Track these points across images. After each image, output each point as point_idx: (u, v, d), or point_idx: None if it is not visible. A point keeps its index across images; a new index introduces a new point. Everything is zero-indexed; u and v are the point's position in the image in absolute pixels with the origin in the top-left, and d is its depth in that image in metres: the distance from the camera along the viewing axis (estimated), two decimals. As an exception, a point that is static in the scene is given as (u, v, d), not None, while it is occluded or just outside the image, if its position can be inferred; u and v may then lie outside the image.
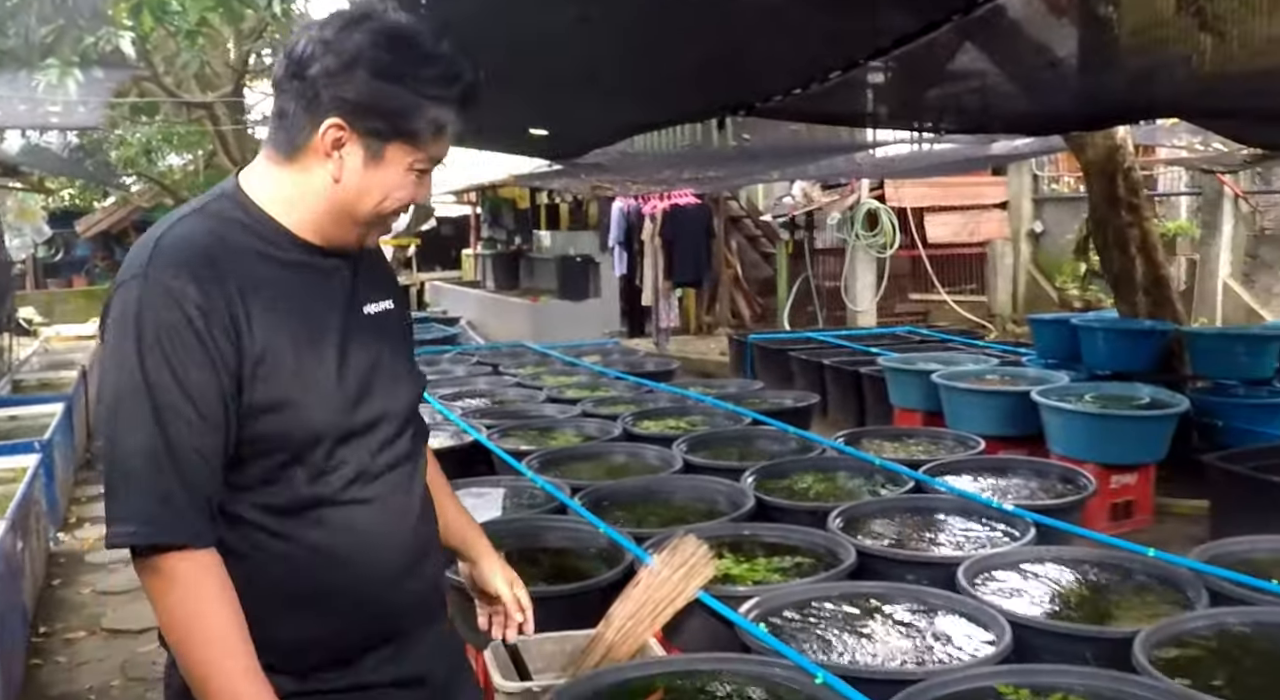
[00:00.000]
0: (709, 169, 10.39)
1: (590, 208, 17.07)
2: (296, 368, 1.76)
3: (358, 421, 1.84)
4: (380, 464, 1.88)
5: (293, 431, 1.75)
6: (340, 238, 1.85)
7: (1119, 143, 7.88)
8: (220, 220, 1.79)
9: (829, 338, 10.98)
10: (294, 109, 1.76)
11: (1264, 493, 5.52)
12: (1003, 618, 3.43)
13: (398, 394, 1.95)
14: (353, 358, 1.84)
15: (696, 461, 5.60)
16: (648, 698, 3.12)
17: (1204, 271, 12.43)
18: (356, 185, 1.78)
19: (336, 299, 1.87)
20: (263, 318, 1.73)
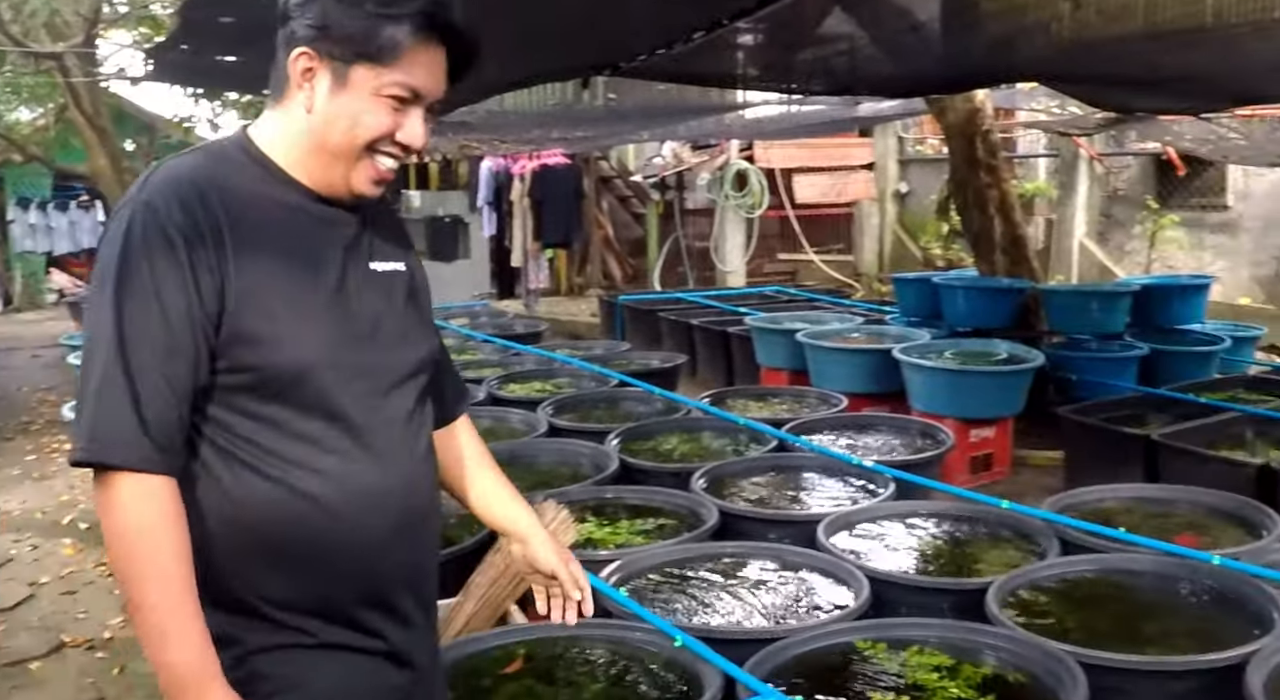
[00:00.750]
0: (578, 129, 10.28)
1: (459, 167, 16.82)
2: (289, 300, 1.72)
3: (351, 362, 1.77)
4: (376, 418, 1.80)
5: (280, 364, 1.70)
6: (328, 180, 1.80)
7: (978, 106, 8.01)
8: (219, 159, 1.79)
9: (698, 298, 11.02)
10: (279, 52, 1.78)
11: (1115, 443, 5.69)
12: (861, 573, 3.48)
13: (401, 350, 1.87)
14: (354, 302, 1.80)
15: (561, 425, 5.58)
16: (509, 666, 3.11)
17: (1060, 231, 12.73)
18: (325, 112, 1.75)
19: (335, 245, 1.82)
20: (253, 249, 1.70)
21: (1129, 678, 2.90)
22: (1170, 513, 4.35)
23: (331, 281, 1.78)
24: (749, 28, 4.75)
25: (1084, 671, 2.75)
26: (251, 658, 1.71)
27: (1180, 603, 3.44)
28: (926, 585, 3.57)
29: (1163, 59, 4.63)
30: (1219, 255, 11.49)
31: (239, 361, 1.68)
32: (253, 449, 1.70)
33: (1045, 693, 2.81)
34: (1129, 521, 4.09)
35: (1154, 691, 2.91)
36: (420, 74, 1.76)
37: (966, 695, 2.84)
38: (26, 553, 6.02)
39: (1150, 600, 3.46)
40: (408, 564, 1.86)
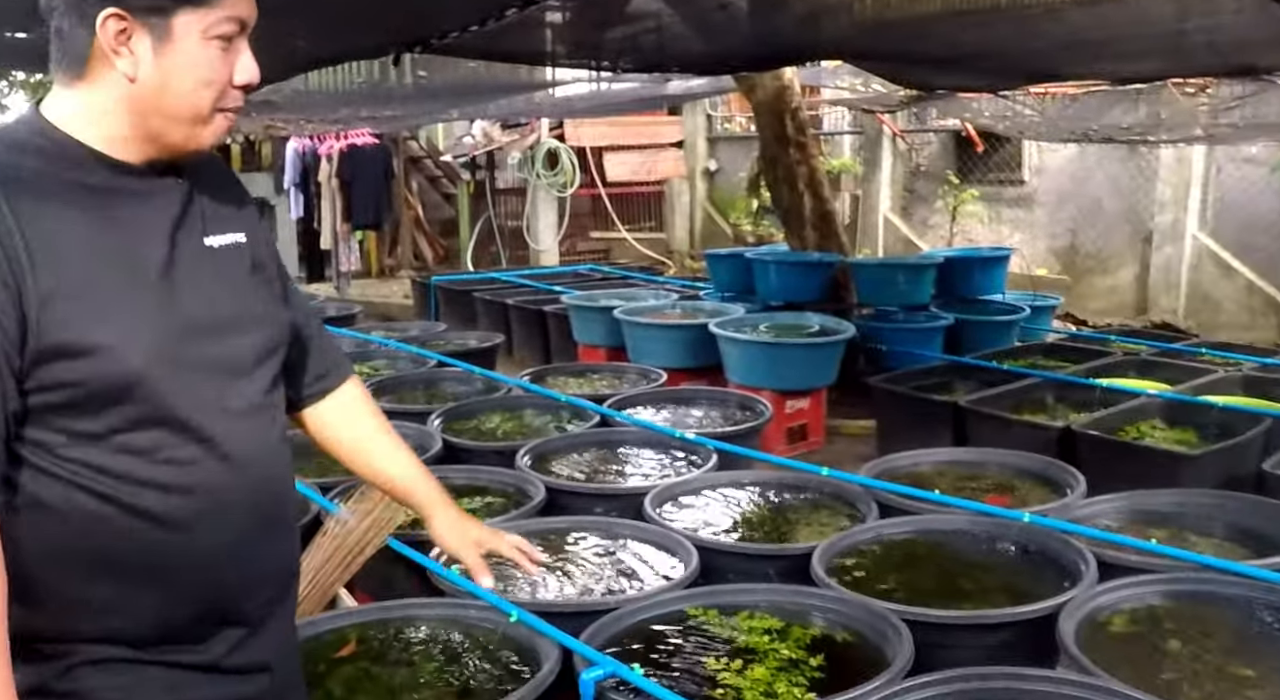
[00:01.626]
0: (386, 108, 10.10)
1: (264, 148, 16.36)
2: (103, 301, 1.53)
3: (186, 359, 1.60)
4: (219, 417, 1.63)
5: (104, 376, 1.52)
6: (161, 146, 1.62)
7: (787, 83, 8.15)
8: (9, 145, 1.57)
9: (513, 277, 10.97)
10: (67, 24, 1.56)
11: (924, 410, 5.88)
12: (689, 543, 3.52)
13: (247, 335, 1.70)
14: (185, 289, 1.61)
15: (382, 407, 5.47)
16: (342, 649, 3.05)
17: (866, 206, 13.10)
18: (156, 77, 1.56)
19: (159, 224, 1.62)
20: (54, 251, 1.50)
21: (950, 632, 3.02)
22: (980, 475, 4.53)
23: (154, 270, 1.59)
24: (558, 5, 4.74)
25: (908, 628, 2.84)
26: (78, 670, 1.60)
27: (994, 559, 3.58)
28: (753, 552, 3.64)
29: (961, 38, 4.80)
30: (1016, 228, 11.97)
31: (53, 379, 1.51)
32: (78, 468, 1.55)
33: (872, 650, 2.89)
34: (942, 484, 4.23)
35: (974, 644, 3.02)
36: (241, 3, 1.61)
37: (797, 655, 2.90)
38: None
39: (966, 558, 3.59)
40: (256, 567, 1.74)
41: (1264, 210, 10.15)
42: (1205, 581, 3.20)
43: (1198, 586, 3.19)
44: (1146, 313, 10.47)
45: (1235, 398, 5.70)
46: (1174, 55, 5.06)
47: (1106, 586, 3.13)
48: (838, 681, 2.71)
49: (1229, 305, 10.04)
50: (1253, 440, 4.94)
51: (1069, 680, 2.58)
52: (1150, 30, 4.44)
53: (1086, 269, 11.27)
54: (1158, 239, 10.48)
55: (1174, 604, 3.15)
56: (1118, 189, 11.03)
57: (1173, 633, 3.02)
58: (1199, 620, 3.09)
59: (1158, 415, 5.47)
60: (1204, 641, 3.00)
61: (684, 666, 2.89)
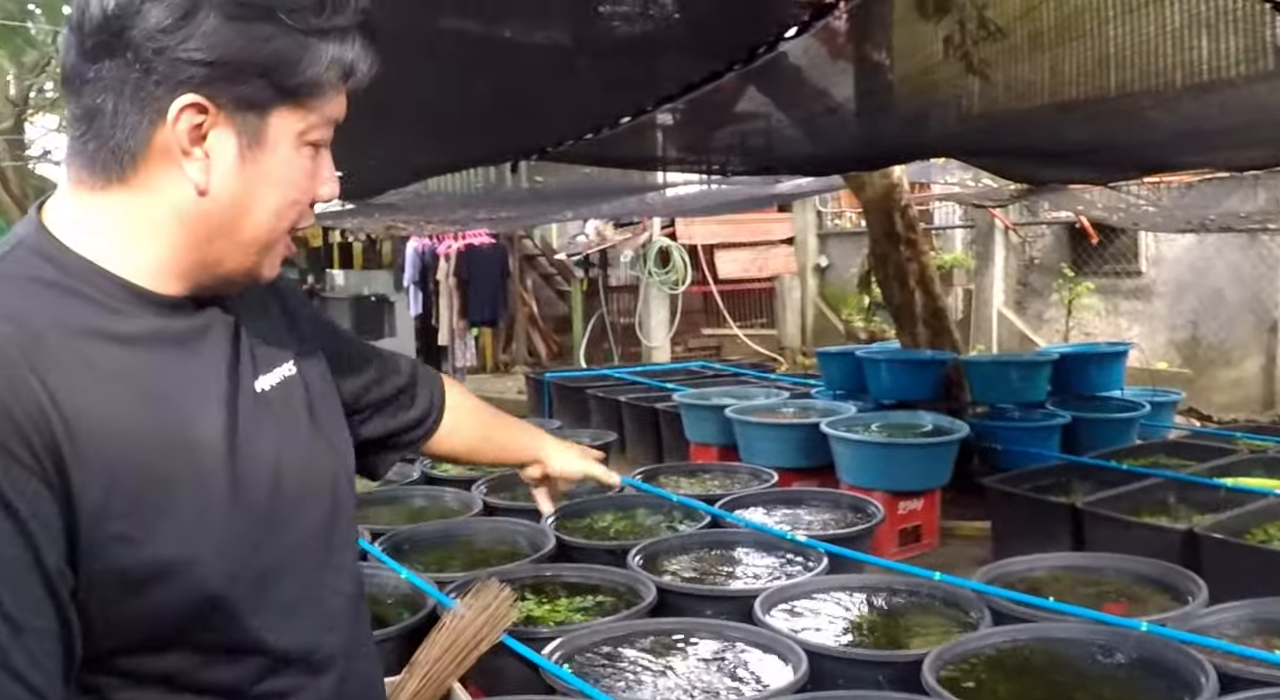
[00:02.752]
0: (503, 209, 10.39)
1: (385, 247, 16.85)
2: (167, 509, 1.13)
3: (269, 564, 1.25)
4: (306, 623, 1.31)
5: (175, 604, 1.15)
6: (213, 278, 1.26)
7: (895, 181, 8.21)
8: (20, 285, 1.15)
9: (625, 374, 11.06)
10: (113, 103, 1.15)
11: (1040, 512, 5.79)
12: (799, 647, 3.51)
13: (323, 501, 1.36)
14: (248, 469, 1.23)
15: (496, 503, 5.58)
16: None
17: (980, 300, 13.01)
18: (237, 190, 1.20)
19: (211, 380, 1.25)
20: (98, 439, 1.09)
21: (1064, 744, 2.97)
22: (1098, 580, 4.44)
23: (216, 449, 1.20)
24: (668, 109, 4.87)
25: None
26: None
27: (1111, 670, 3.51)
28: (862, 658, 3.62)
29: (1069, 132, 4.82)
30: (1135, 321, 11.79)
31: (112, 615, 1.12)
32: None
33: (984, 762, 2.86)
34: (1058, 590, 4.17)
35: (1088, 757, 2.96)
36: (341, 102, 1.28)
37: (907, 766, 2.88)
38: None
39: (1081, 669, 3.52)
40: None
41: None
42: (1334, 696, 3.11)
43: (1327, 702, 3.10)
44: (1274, 407, 10.19)
45: (1373, 500, 5.52)
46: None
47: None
48: (949, 793, 2.68)
49: (1364, 399, 9.75)
50: (1392, 545, 4.79)
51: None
52: (1267, 117, 4.40)
53: (1209, 362, 11.03)
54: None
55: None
56: (1239, 278, 10.82)
57: (1299, 750, 2.94)
58: (1327, 737, 3.00)
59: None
60: (1332, 759, 2.91)
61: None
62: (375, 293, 15.73)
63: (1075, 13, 3.79)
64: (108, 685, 1.15)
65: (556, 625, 3.95)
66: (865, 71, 4.58)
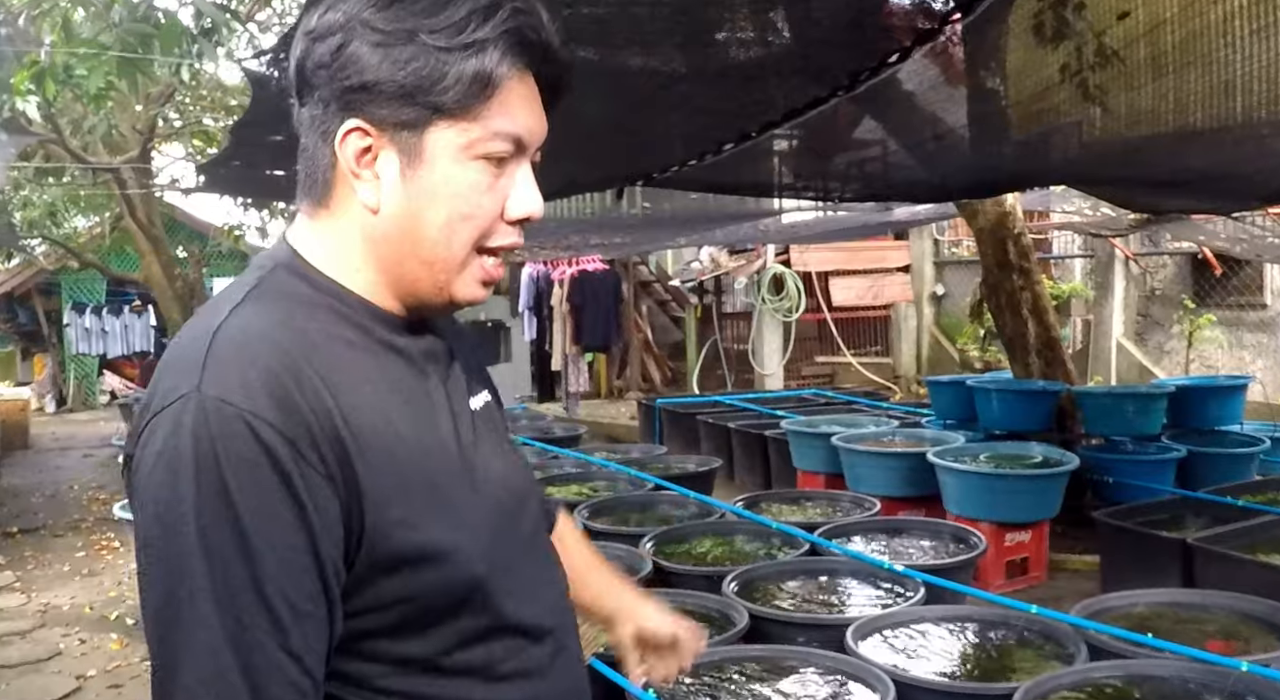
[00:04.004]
0: (616, 235, 10.50)
1: (501, 273, 17.18)
2: (434, 498, 1.23)
3: (510, 552, 1.34)
4: (547, 605, 1.40)
5: (446, 585, 1.23)
6: (416, 296, 1.31)
7: (1008, 209, 8.11)
8: (286, 300, 1.25)
9: (736, 401, 11.08)
10: (311, 139, 1.28)
11: (1151, 547, 5.66)
12: (887, 677, 3.50)
13: (530, 502, 1.45)
14: (477, 470, 1.33)
15: (597, 527, 5.64)
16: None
17: (1098, 331, 12.75)
18: (403, 206, 1.25)
19: (439, 391, 1.33)
20: (374, 434, 1.19)
21: (1155, 784, 2.91)
22: (1203, 618, 4.33)
23: (454, 448, 1.30)
24: (783, 135, 4.89)
25: (1108, 777, 2.76)
26: None
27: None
28: (952, 690, 3.59)
29: (1190, 160, 4.72)
30: (1258, 354, 11.45)
31: (387, 596, 1.20)
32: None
33: (1069, 798, 2.82)
34: (1160, 627, 4.08)
35: (1180, 798, 2.90)
36: (521, 114, 1.27)
37: (991, 800, 2.85)
38: (75, 646, 6.17)
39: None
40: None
41: None
42: None
43: None
44: (1403, 447, 9.82)
45: None
46: None
47: (1328, 744, 2.97)
48: None
49: None
50: None
51: None
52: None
53: (1336, 398, 10.67)
54: None
55: (1406, 767, 2.96)
56: (1368, 311, 10.47)
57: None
58: None
59: (1407, 560, 5.14)
60: None
61: (874, 804, 2.87)
62: (491, 318, 15.99)
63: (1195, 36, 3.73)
64: (373, 673, 1.22)
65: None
66: (979, 97, 4.55)
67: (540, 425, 10.19)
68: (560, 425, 10.53)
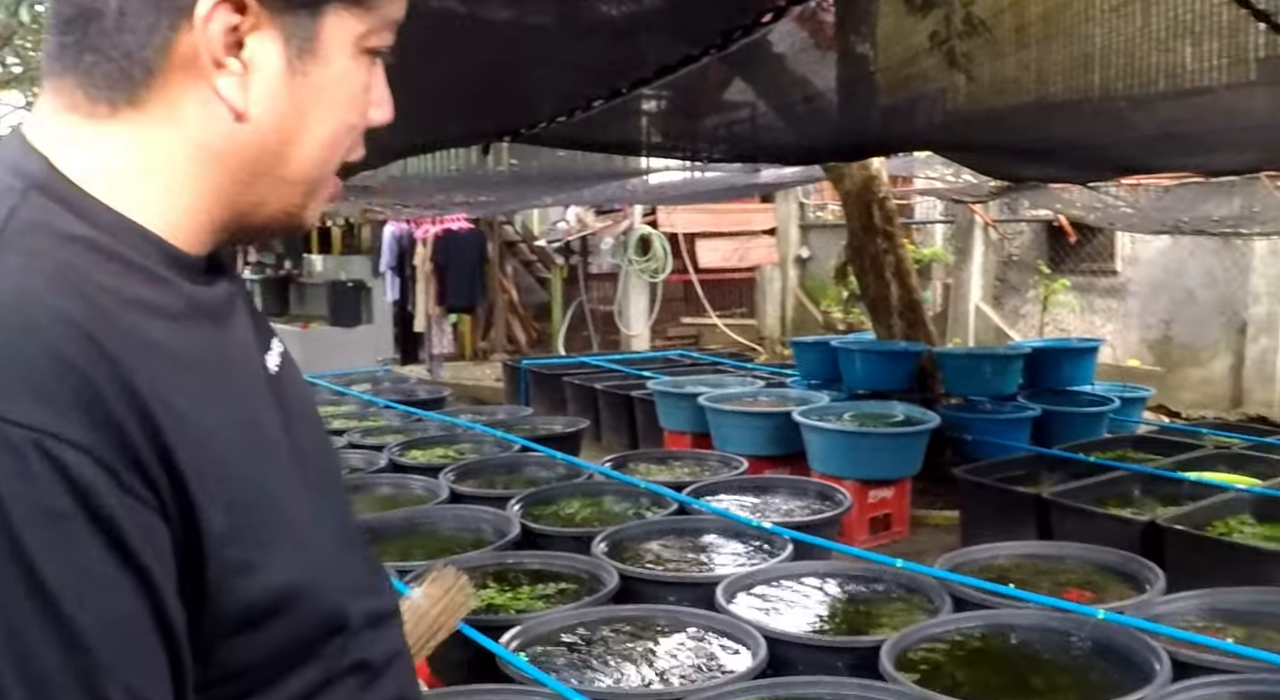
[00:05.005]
0: (481, 194, 10.33)
1: (363, 232, 16.78)
2: (270, 518, 0.91)
3: (349, 567, 1.04)
4: (382, 630, 1.07)
5: (297, 632, 0.92)
6: (240, 230, 0.99)
7: (874, 173, 8.20)
8: (56, 244, 0.86)
9: (602, 362, 11.05)
10: (131, 2, 0.87)
11: (1008, 502, 5.80)
12: (758, 634, 3.51)
13: (339, 485, 1.16)
14: (309, 460, 1.01)
15: (463, 490, 5.57)
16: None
17: (958, 295, 13.02)
18: (285, 113, 0.93)
19: (248, 360, 1.00)
20: (203, 445, 0.85)
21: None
22: (1060, 569, 4.46)
23: (280, 437, 0.97)
24: (651, 94, 4.84)
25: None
26: None
27: (1068, 657, 3.52)
28: (822, 644, 3.63)
29: (1050, 130, 4.81)
30: (1109, 318, 11.82)
31: (230, 667, 0.88)
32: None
33: (937, 748, 2.86)
34: (1020, 578, 4.18)
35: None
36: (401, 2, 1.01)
37: (861, 752, 2.88)
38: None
39: (1039, 655, 3.54)
40: None
41: (1362, 303, 9.95)
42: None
43: (1274, 688, 3.11)
44: (1241, 405, 10.24)
45: (1331, 494, 5.55)
46: (1268, 149, 5.02)
47: (1179, 686, 3.07)
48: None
49: (1327, 399, 9.80)
50: (1347, 539, 4.81)
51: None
52: (1243, 123, 4.41)
53: (1180, 360, 11.07)
54: (1252, 331, 10.28)
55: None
56: (1211, 280, 10.87)
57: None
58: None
59: (1248, 510, 5.34)
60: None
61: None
62: (352, 278, 15.68)
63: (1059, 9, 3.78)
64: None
65: (517, 613, 3.94)
66: (848, 61, 4.57)
67: (403, 388, 10.04)
68: (424, 388, 10.39)
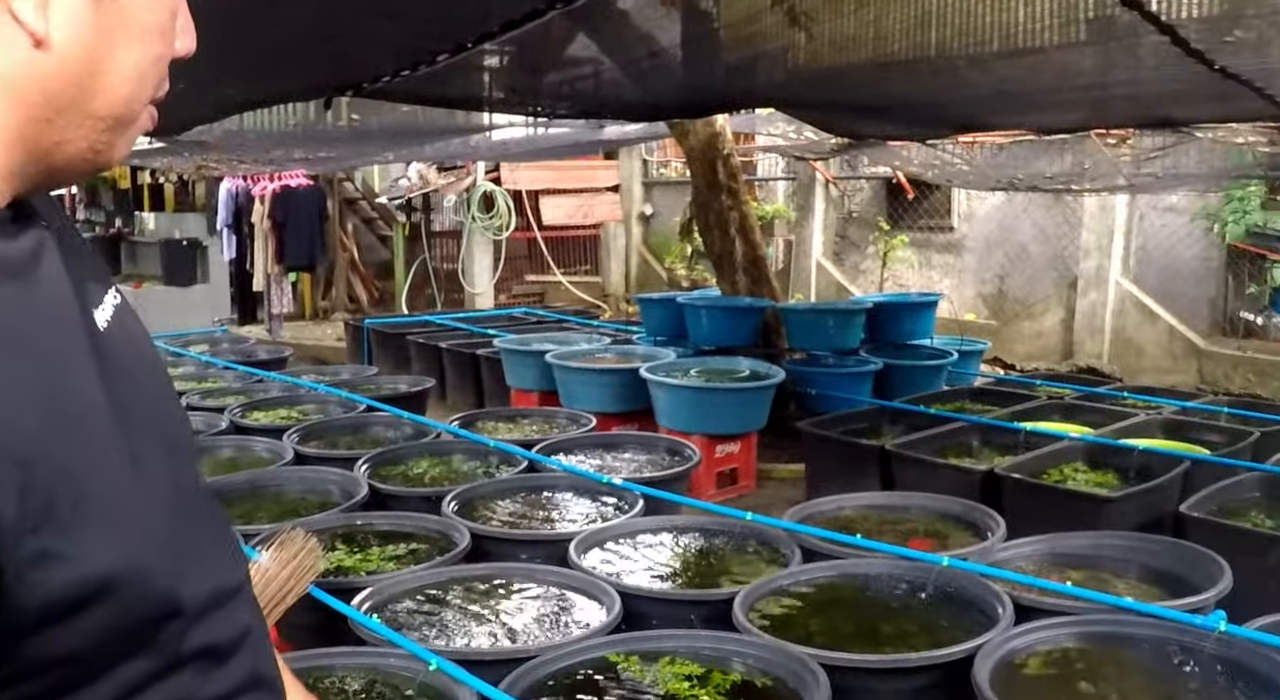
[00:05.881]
0: (321, 149, 10.07)
1: (198, 188, 16.25)
2: (80, 499, 0.80)
3: (190, 544, 0.93)
4: (233, 609, 0.98)
5: (118, 624, 0.82)
6: (43, 172, 0.87)
7: (718, 130, 8.23)
8: None
9: (447, 320, 10.93)
10: None
11: (852, 454, 5.92)
12: (612, 589, 3.52)
13: (184, 448, 1.02)
14: (140, 428, 0.88)
15: (308, 452, 5.45)
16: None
17: (799, 251, 13.22)
18: (90, 42, 0.83)
19: (62, 318, 0.86)
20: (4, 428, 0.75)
21: (869, 676, 3.04)
22: (904, 518, 4.57)
23: (102, 402, 0.85)
24: (495, 50, 4.77)
25: (826, 672, 2.86)
26: None
27: (915, 604, 3.62)
28: (675, 597, 3.65)
29: (889, 88, 4.89)
30: (946, 274, 12.14)
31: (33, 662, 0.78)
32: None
33: (790, 695, 2.91)
34: (866, 528, 4.27)
35: (892, 688, 3.05)
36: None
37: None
38: None
39: (887, 603, 3.62)
40: None
41: (1185, 258, 10.40)
42: (1119, 623, 3.25)
43: (1111, 628, 3.24)
44: (1072, 357, 10.64)
45: (1156, 441, 5.80)
46: (1097, 107, 5.18)
47: (1022, 629, 3.18)
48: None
49: (1151, 350, 10.23)
50: (1171, 483, 5.01)
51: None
52: (1074, 82, 4.53)
53: (1014, 314, 11.45)
54: (1082, 285, 10.67)
55: (1088, 646, 3.20)
56: (1044, 236, 11.24)
57: (1086, 674, 3.06)
58: (1112, 661, 3.14)
59: (1080, 458, 5.56)
60: (1117, 682, 3.04)
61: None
62: (187, 237, 15.18)
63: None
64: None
65: (368, 574, 3.88)
66: (692, 18, 4.55)
67: (243, 348, 9.78)
68: (264, 348, 10.14)
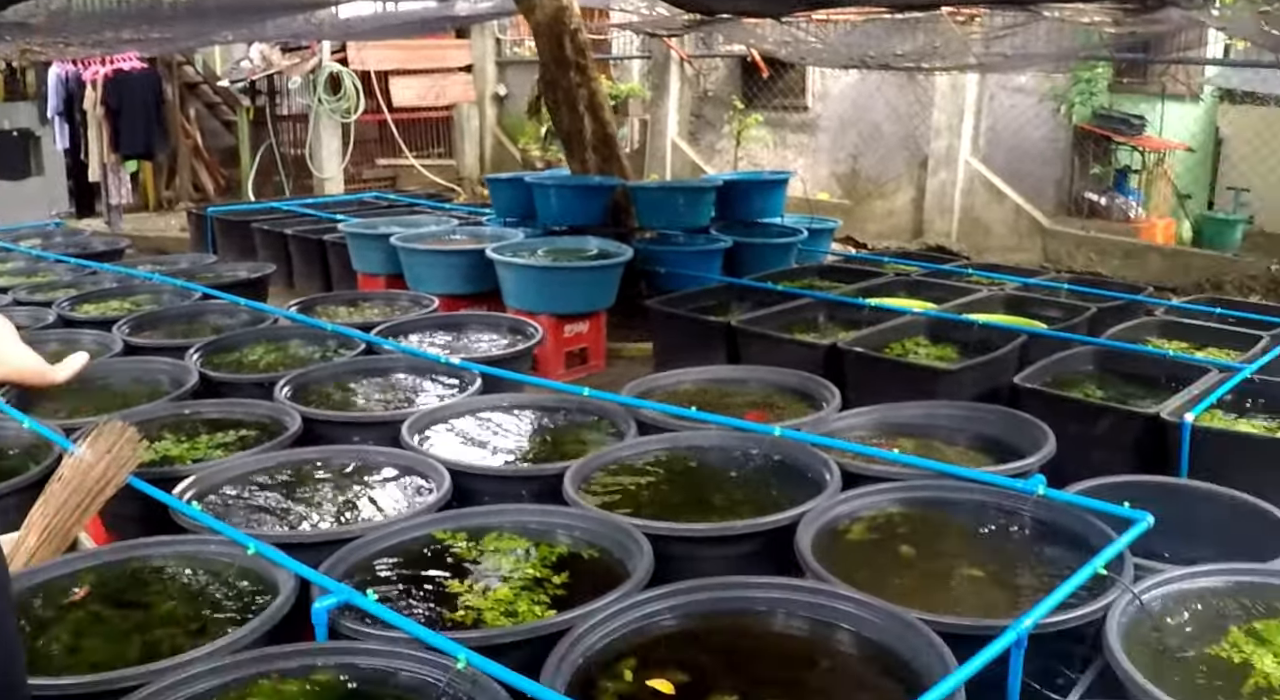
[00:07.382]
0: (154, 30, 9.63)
1: (28, 75, 15.46)
2: None
3: None
4: None
5: None
6: None
7: (565, 4, 8.02)
8: None
9: (294, 207, 10.63)
10: None
11: (698, 331, 5.93)
12: (442, 467, 3.48)
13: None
14: None
15: (139, 343, 5.27)
16: (74, 595, 2.92)
17: (655, 131, 13.12)
18: None
19: None
20: None
21: (694, 545, 3.05)
22: (743, 392, 4.59)
23: None
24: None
25: (651, 542, 2.86)
26: None
27: (747, 474, 3.64)
28: (505, 474, 3.63)
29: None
30: (800, 153, 12.18)
31: None
32: None
33: (615, 564, 2.91)
34: (705, 401, 4.26)
35: (718, 555, 3.06)
36: None
37: (542, 574, 2.90)
38: None
39: (720, 474, 3.64)
40: None
41: (1033, 138, 10.58)
42: (943, 488, 3.31)
43: (935, 493, 3.29)
44: (922, 236, 10.81)
45: (996, 316, 5.90)
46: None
47: (846, 496, 3.22)
48: (579, 597, 2.71)
49: (999, 228, 10.43)
50: (1008, 355, 5.11)
51: (800, 587, 2.64)
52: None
53: (866, 194, 11.56)
54: (933, 164, 10.79)
55: (911, 511, 3.25)
56: (897, 116, 11.32)
57: (908, 538, 3.12)
58: (934, 525, 3.20)
59: (923, 333, 5.64)
60: (938, 545, 3.10)
61: (428, 590, 2.85)
62: (17, 127, 14.45)
63: None
64: None
65: (193, 462, 3.77)
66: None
67: (77, 241, 9.38)
68: (101, 240, 9.74)
